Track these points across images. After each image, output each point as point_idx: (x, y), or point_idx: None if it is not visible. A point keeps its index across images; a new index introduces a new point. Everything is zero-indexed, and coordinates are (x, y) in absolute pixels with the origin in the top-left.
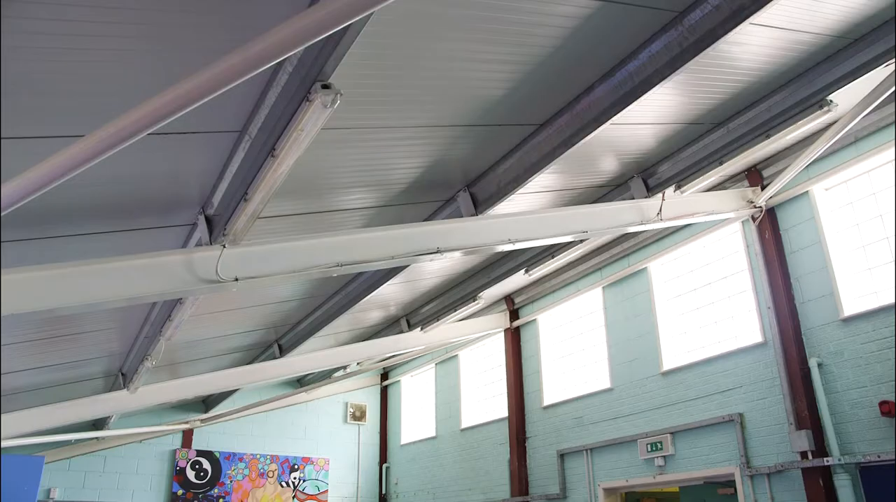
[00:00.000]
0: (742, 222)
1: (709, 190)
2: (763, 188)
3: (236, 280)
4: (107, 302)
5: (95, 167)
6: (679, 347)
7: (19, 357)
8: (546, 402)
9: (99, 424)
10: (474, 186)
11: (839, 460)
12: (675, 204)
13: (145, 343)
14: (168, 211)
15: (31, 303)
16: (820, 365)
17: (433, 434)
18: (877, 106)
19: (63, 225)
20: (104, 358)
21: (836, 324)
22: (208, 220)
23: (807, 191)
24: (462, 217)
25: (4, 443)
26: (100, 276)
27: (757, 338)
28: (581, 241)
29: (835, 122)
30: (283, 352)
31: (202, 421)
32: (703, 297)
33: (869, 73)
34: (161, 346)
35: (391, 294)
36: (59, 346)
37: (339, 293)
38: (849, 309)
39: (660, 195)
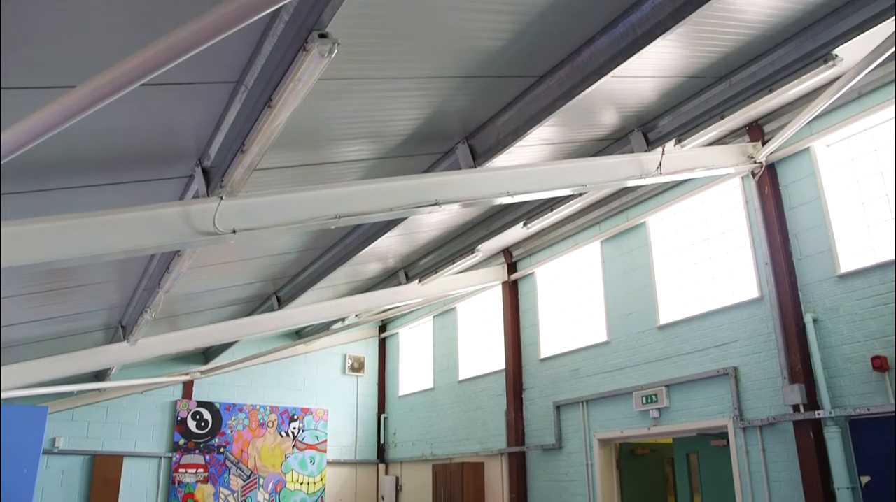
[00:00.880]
0: (742, 177)
1: (709, 144)
2: (764, 143)
3: (234, 232)
4: (104, 254)
5: (89, 119)
6: (676, 301)
7: (20, 309)
8: (543, 355)
9: (100, 376)
10: (473, 138)
11: (830, 413)
12: (675, 158)
13: (144, 295)
14: (164, 163)
15: (30, 255)
16: (815, 320)
17: (431, 385)
18: (882, 61)
19: (57, 178)
20: (104, 310)
21: (833, 280)
22: (205, 172)
23: (808, 148)
24: (461, 169)
25: (9, 394)
26: (97, 229)
27: (754, 293)
28: (580, 195)
29: (838, 78)
30: (281, 304)
31: (202, 372)
32: (701, 252)
33: (875, 28)
34: (160, 299)
35: (389, 246)
36: (59, 299)
37: (337, 245)
38: (846, 265)
39: (660, 149)
